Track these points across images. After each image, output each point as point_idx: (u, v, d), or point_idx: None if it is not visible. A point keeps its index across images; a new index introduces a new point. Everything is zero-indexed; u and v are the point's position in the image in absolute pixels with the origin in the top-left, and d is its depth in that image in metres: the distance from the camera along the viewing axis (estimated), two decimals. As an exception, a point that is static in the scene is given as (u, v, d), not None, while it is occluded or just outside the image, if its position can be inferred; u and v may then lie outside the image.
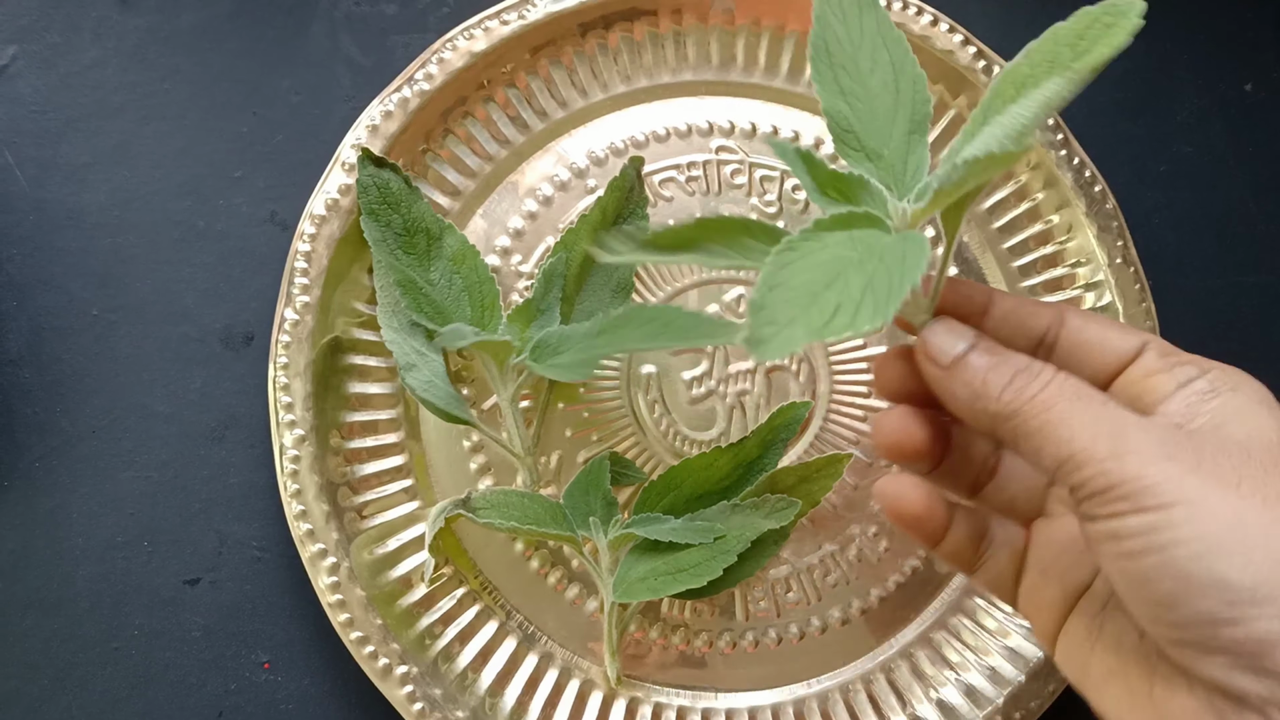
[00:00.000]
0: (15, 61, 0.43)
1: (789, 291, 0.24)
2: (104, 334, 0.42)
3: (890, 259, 0.24)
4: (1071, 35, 0.27)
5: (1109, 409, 0.26)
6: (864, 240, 0.25)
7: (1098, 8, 0.26)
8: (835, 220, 0.26)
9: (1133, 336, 0.29)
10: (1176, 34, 0.47)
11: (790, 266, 0.24)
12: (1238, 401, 0.27)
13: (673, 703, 0.40)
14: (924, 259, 0.24)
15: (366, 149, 0.40)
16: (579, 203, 0.43)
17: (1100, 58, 0.26)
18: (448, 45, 0.42)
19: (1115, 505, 0.24)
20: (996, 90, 0.28)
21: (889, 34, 0.29)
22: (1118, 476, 0.24)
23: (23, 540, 0.41)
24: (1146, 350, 0.29)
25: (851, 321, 0.23)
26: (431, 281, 0.40)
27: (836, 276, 0.24)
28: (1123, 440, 0.25)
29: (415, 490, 0.41)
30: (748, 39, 0.44)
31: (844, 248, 0.25)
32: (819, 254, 0.25)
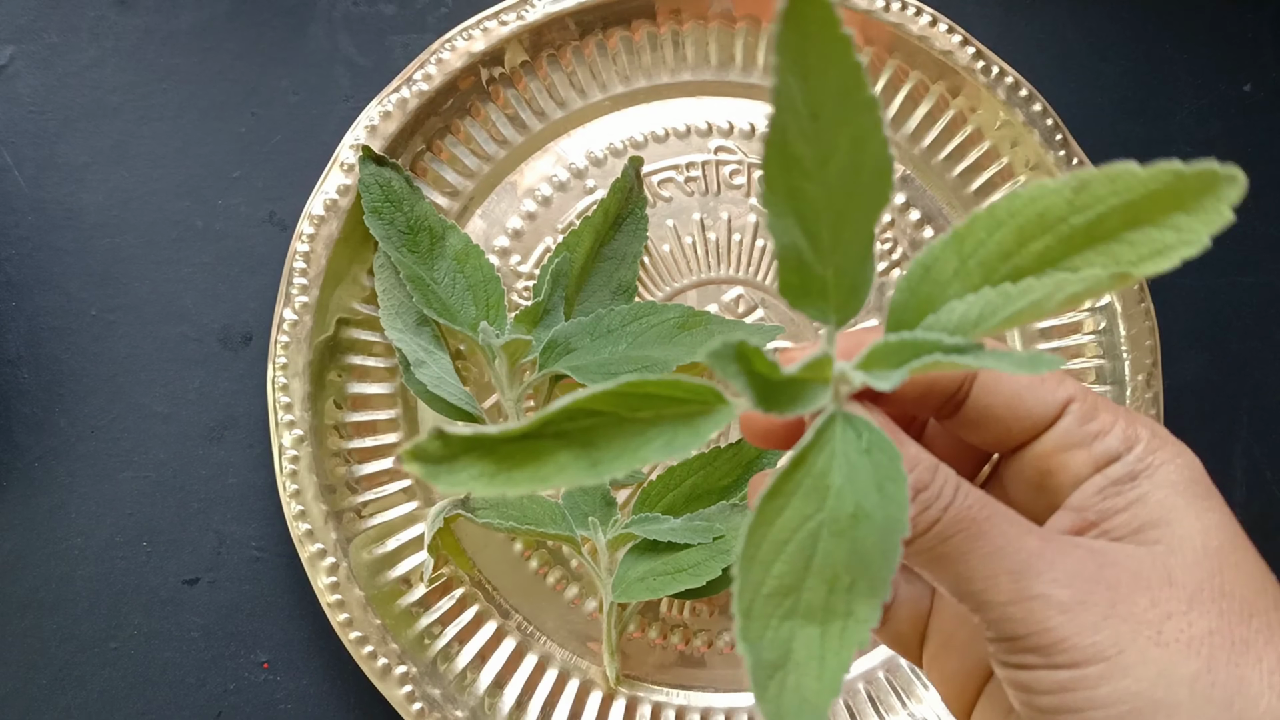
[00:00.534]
0: (13, 61, 0.43)
1: (769, 611, 0.20)
2: (102, 334, 0.42)
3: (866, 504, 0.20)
4: (1141, 194, 0.20)
5: (1009, 539, 0.22)
6: (828, 488, 0.21)
7: (1189, 169, 0.20)
8: (794, 466, 0.21)
9: (1049, 395, 0.25)
10: (1176, 34, 0.47)
11: (757, 561, 0.20)
12: (1160, 494, 0.23)
13: (672, 702, 0.40)
14: (904, 491, 0.20)
15: (367, 147, 0.40)
16: (578, 203, 0.43)
17: (1163, 260, 0.20)
18: (446, 46, 0.42)
19: (1023, 657, 0.22)
20: (1014, 213, 0.21)
21: (858, 95, 0.19)
22: (1023, 626, 0.21)
23: (21, 540, 0.41)
24: (1066, 414, 0.25)
25: (851, 629, 0.20)
26: (436, 280, 0.40)
27: (811, 559, 0.20)
28: (1025, 581, 0.21)
29: (414, 490, 0.41)
30: (746, 39, 0.44)
31: (806, 501, 0.20)
32: (782, 525, 0.20)
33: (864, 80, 0.19)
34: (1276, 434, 0.45)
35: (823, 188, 0.20)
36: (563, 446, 0.20)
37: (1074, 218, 0.21)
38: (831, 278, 0.21)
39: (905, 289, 0.22)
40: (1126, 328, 0.42)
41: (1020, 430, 0.25)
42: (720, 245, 0.43)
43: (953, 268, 0.22)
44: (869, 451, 0.21)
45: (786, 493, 0.20)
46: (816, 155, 0.20)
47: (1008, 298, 0.20)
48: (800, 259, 0.21)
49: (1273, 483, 0.44)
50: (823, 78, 0.19)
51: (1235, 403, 0.45)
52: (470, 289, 0.40)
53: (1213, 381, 0.45)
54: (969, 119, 0.44)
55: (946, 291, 0.22)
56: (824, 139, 0.19)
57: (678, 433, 0.21)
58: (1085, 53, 0.46)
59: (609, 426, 0.20)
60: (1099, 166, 0.20)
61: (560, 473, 0.20)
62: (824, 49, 0.19)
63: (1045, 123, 0.43)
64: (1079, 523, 0.24)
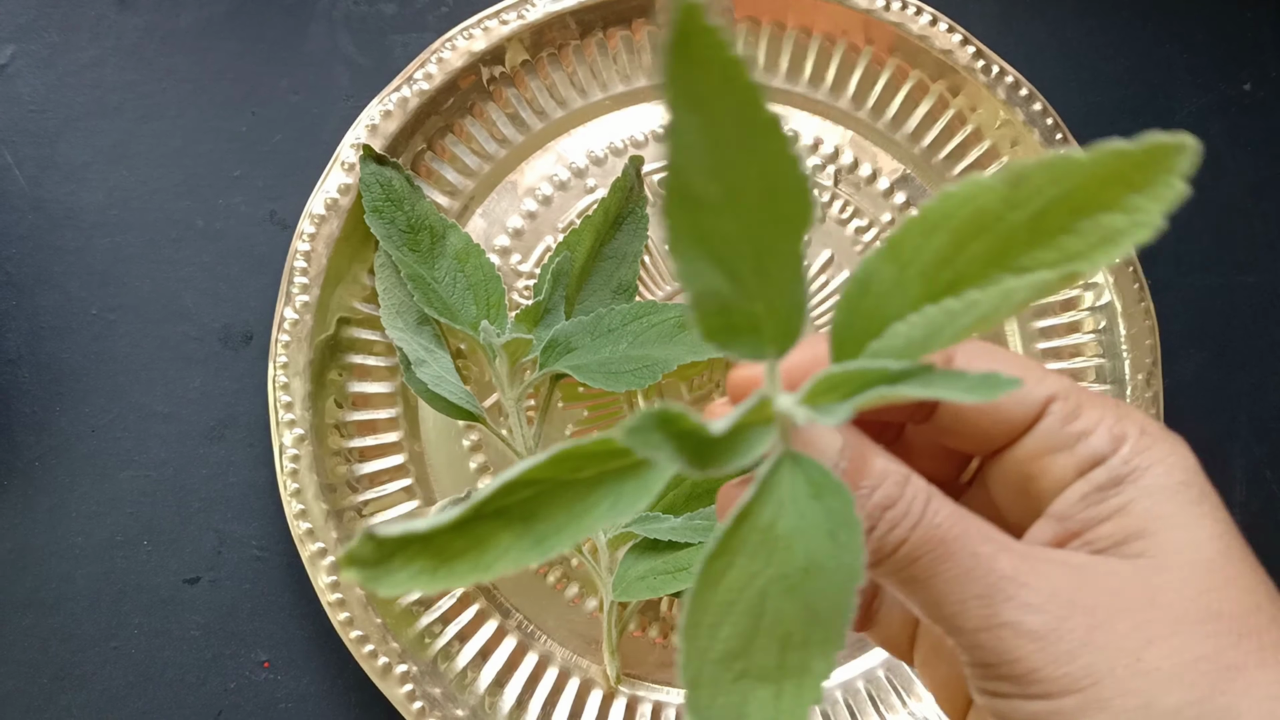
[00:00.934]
0: (14, 61, 0.43)
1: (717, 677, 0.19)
2: (103, 333, 0.42)
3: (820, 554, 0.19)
4: (1085, 181, 0.19)
5: (979, 560, 0.20)
6: (780, 540, 0.19)
7: (1138, 147, 0.18)
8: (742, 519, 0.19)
9: (1029, 394, 0.23)
10: (1176, 33, 0.47)
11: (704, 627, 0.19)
12: (1147, 501, 0.22)
13: (672, 701, 0.40)
14: (858, 537, 0.19)
15: (368, 146, 0.40)
16: (578, 202, 0.43)
17: (1112, 253, 0.19)
18: (447, 45, 0.42)
19: (997, 685, 0.20)
20: (949, 215, 0.20)
21: (758, 117, 0.18)
22: (994, 654, 0.20)
23: (22, 539, 0.41)
24: (1048, 413, 0.23)
25: (806, 686, 0.19)
26: (436, 279, 0.40)
27: (760, 618, 0.19)
28: (995, 606, 0.20)
29: (414, 489, 0.41)
30: (746, 39, 0.44)
31: (753, 558, 0.19)
32: (727, 586, 0.19)
33: (762, 101, 0.17)
34: (1276, 434, 0.45)
35: (737, 222, 0.18)
36: (503, 527, 0.19)
37: (1012, 214, 0.19)
38: (763, 311, 0.19)
39: (845, 308, 0.20)
40: (1126, 327, 0.42)
41: (999, 434, 0.23)
42: (720, 244, 0.43)
43: (891, 280, 0.20)
44: (819, 495, 0.19)
45: (731, 550, 0.19)
46: (725, 189, 0.18)
47: (951, 315, 0.19)
48: (721, 301, 0.19)
49: (1273, 482, 0.44)
50: (720, 107, 0.17)
51: (1235, 402, 0.45)
52: (471, 288, 0.40)
53: (1212, 381, 0.45)
54: (969, 118, 0.44)
55: (888, 307, 0.20)
56: (731, 171, 0.18)
57: (623, 490, 0.19)
58: (1085, 52, 0.46)
59: (550, 494, 0.19)
60: (1037, 158, 0.19)
61: (503, 557, 0.19)
62: (717, 76, 0.17)
63: (1045, 122, 0.43)
64: (1061, 533, 0.22)
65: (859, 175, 0.44)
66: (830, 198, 0.43)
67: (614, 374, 0.38)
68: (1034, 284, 0.18)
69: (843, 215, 0.43)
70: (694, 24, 0.16)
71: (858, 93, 0.44)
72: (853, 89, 0.44)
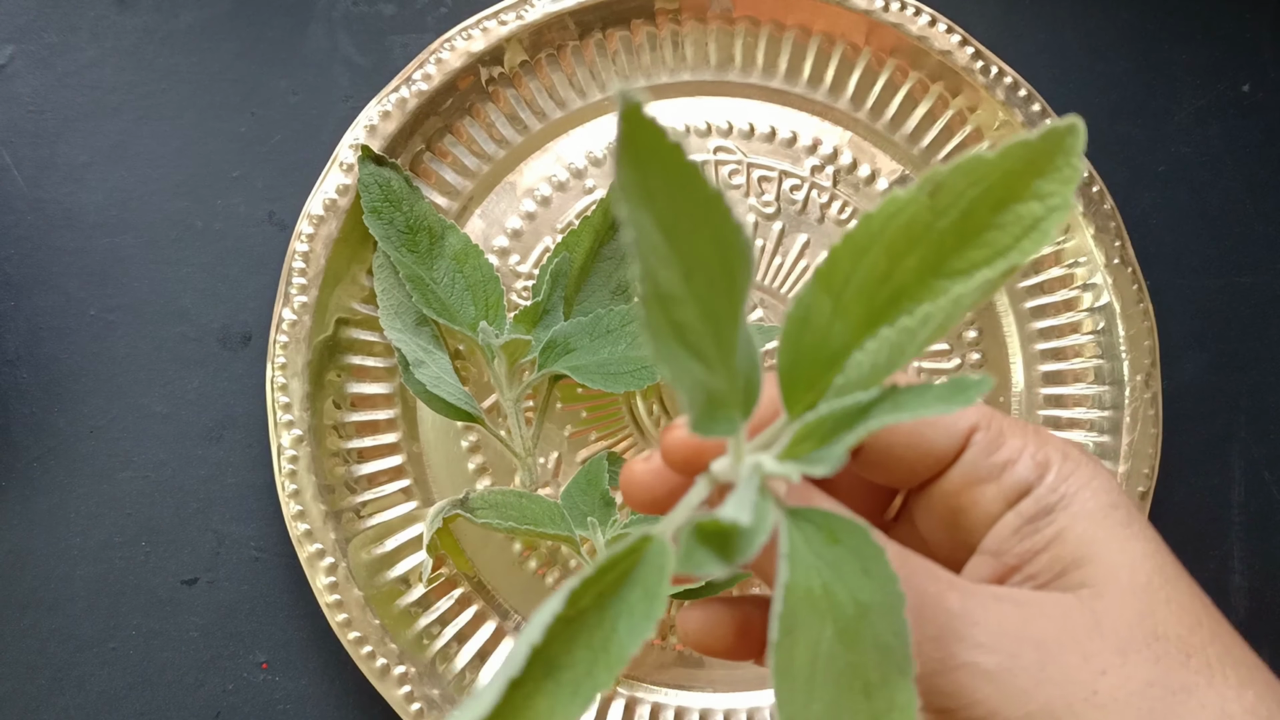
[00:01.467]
0: (13, 61, 0.43)
1: None
2: (101, 334, 0.42)
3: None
4: (998, 178, 0.19)
5: (927, 599, 0.20)
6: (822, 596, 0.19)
7: (1036, 136, 0.19)
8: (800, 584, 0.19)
9: (953, 425, 0.23)
10: (1175, 35, 0.47)
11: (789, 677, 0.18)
12: (1079, 528, 0.22)
13: (670, 703, 0.40)
14: (886, 564, 0.19)
15: (367, 147, 0.40)
16: (577, 203, 0.43)
17: (1039, 236, 0.19)
18: (446, 45, 0.42)
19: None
20: (876, 234, 0.20)
21: (703, 193, 0.18)
22: (953, 700, 0.20)
23: (20, 540, 0.41)
24: (970, 443, 0.23)
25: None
26: (435, 280, 0.40)
27: (840, 678, 0.19)
28: (949, 648, 0.20)
29: (413, 490, 0.41)
30: (745, 39, 0.44)
31: (810, 625, 0.19)
32: (800, 663, 0.19)
33: (703, 178, 0.17)
34: (1275, 434, 0.45)
35: (695, 304, 0.18)
36: (534, 693, 0.18)
37: (939, 221, 0.20)
38: (725, 386, 0.19)
39: (788, 348, 0.20)
40: (1125, 328, 0.42)
41: (924, 467, 0.23)
42: (719, 245, 0.43)
43: (829, 309, 0.20)
44: (837, 540, 0.19)
45: (788, 630, 0.19)
46: (680, 275, 0.18)
47: (909, 333, 0.19)
48: (704, 387, 0.19)
49: (1271, 483, 0.44)
50: (668, 197, 0.17)
51: (1234, 403, 0.45)
52: (469, 289, 0.40)
53: (1212, 381, 0.45)
54: (968, 119, 0.44)
55: (831, 338, 0.20)
56: (683, 256, 0.18)
57: (632, 602, 0.19)
58: (1084, 53, 0.46)
59: (560, 638, 0.19)
60: (949, 164, 0.19)
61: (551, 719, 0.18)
62: (662, 169, 0.17)
63: (1044, 123, 0.43)
64: (999, 569, 0.22)
65: (858, 176, 0.44)
66: (829, 198, 0.43)
67: (612, 375, 0.38)
68: (981, 286, 0.19)
69: (841, 216, 0.43)
70: (636, 119, 0.16)
71: (857, 93, 0.44)
72: (852, 89, 0.44)
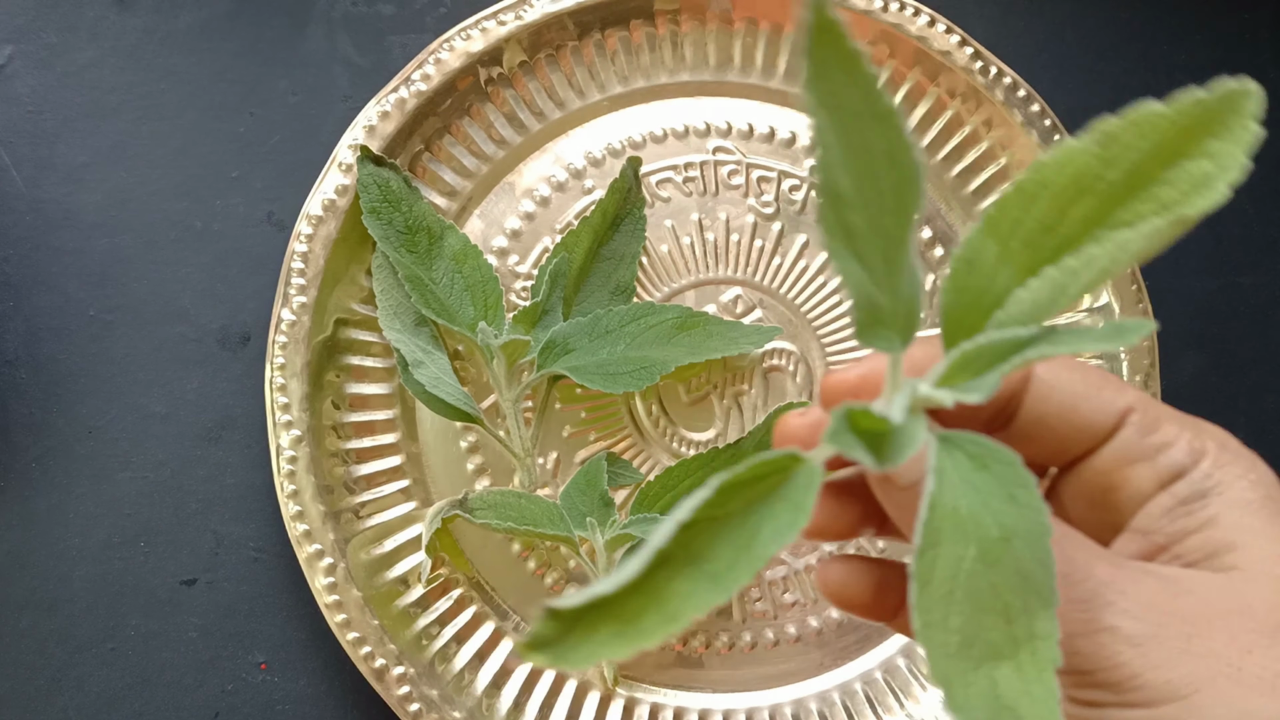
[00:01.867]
0: (12, 61, 0.43)
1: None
2: (100, 334, 0.42)
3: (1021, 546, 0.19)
4: (1170, 132, 0.19)
5: (1077, 566, 0.21)
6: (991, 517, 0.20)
7: (1213, 94, 0.19)
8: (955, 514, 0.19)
9: (1109, 404, 0.23)
10: (1175, 34, 0.47)
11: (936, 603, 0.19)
12: (1233, 515, 0.22)
13: (669, 703, 0.40)
14: (1035, 492, 0.19)
15: (366, 147, 0.40)
16: (576, 203, 0.43)
17: (1209, 193, 0.19)
18: (445, 46, 0.42)
19: (1094, 694, 0.20)
20: (1046, 182, 0.21)
21: (878, 106, 0.19)
22: (1092, 660, 0.20)
23: (19, 540, 0.41)
24: (1126, 424, 0.23)
25: (1041, 650, 0.19)
26: (434, 280, 0.40)
27: (979, 598, 0.19)
28: (1094, 612, 0.20)
29: (412, 491, 0.41)
30: (744, 40, 0.44)
31: (952, 544, 0.19)
32: (940, 579, 0.19)
33: (881, 92, 0.18)
34: (1275, 435, 0.45)
35: (864, 213, 0.19)
36: (676, 574, 0.19)
37: (1108, 172, 0.20)
38: (889, 303, 0.20)
39: (952, 289, 0.21)
40: (1125, 328, 0.42)
41: (1077, 442, 0.24)
42: (718, 246, 0.43)
43: (995, 254, 0.21)
44: (986, 466, 0.20)
45: (931, 545, 0.19)
46: (854, 183, 0.19)
47: (1073, 273, 0.19)
48: (869, 296, 0.20)
49: (1271, 483, 0.44)
50: (845, 101, 0.18)
51: (1233, 403, 0.45)
52: (468, 289, 0.40)
53: (1211, 382, 0.45)
54: (967, 120, 0.44)
55: (995, 281, 0.21)
56: (857, 162, 0.19)
57: (778, 513, 0.19)
58: (1083, 53, 0.46)
59: (705, 534, 0.19)
60: (1121, 114, 0.20)
61: (687, 604, 0.19)
62: (842, 71, 0.18)
63: (1043, 123, 0.43)
64: (1147, 547, 0.23)
65: (857, 176, 0.44)
66: (828, 199, 0.43)
67: (611, 375, 0.38)
68: (1148, 234, 0.19)
69: (841, 216, 0.43)
70: (824, 20, 0.17)
71: (856, 94, 0.44)
72: (851, 90, 0.44)
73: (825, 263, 0.43)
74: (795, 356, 0.42)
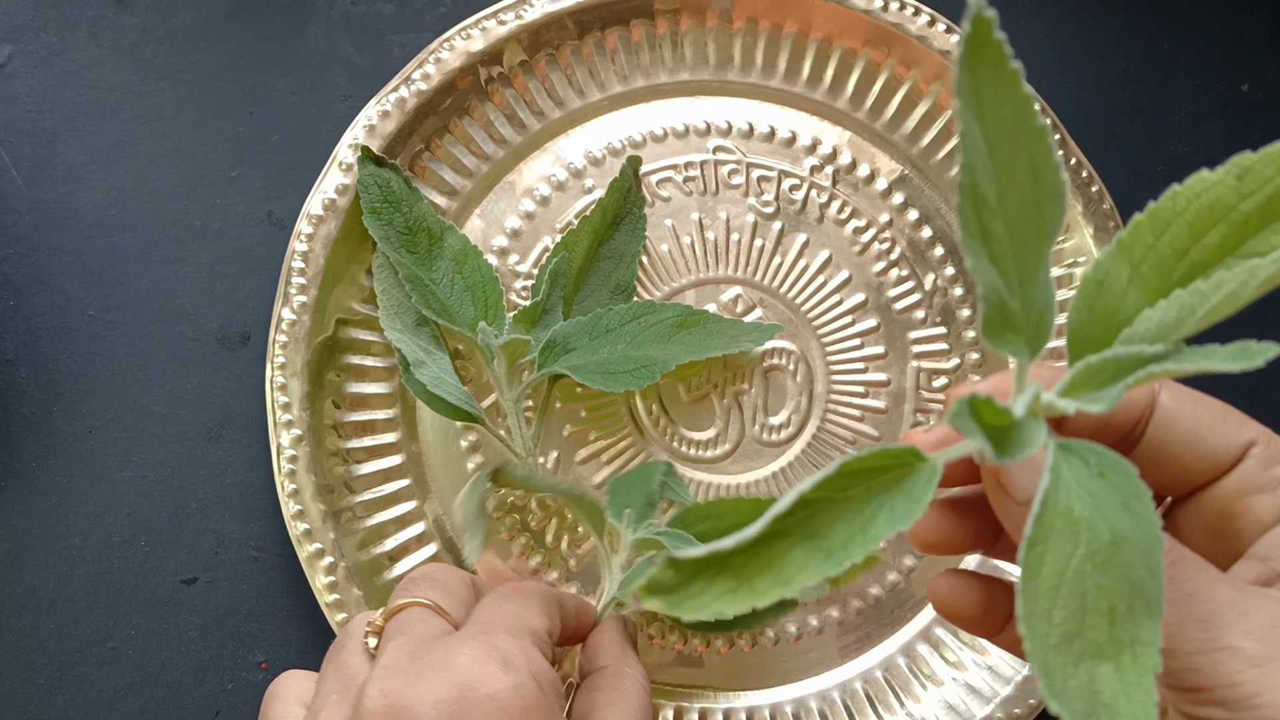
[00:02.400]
0: (11, 61, 0.43)
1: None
2: (100, 334, 0.42)
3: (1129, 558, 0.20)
4: None
5: (1198, 586, 0.21)
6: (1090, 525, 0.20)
7: None
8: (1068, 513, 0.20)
9: (1232, 435, 0.25)
10: (1174, 34, 0.47)
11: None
12: None
13: (669, 703, 0.40)
14: (1150, 505, 0.20)
15: (366, 147, 0.40)
16: (576, 203, 0.43)
17: None
18: (445, 45, 0.42)
19: (1209, 710, 0.21)
20: (1180, 210, 0.22)
21: (1030, 124, 0.20)
22: (1210, 678, 0.21)
23: (19, 540, 0.41)
24: (1249, 456, 0.24)
25: (1142, 656, 0.20)
26: (434, 280, 0.40)
27: (1084, 596, 0.20)
28: (1215, 631, 0.21)
29: (412, 490, 0.41)
30: (745, 39, 0.44)
31: (1063, 541, 0.20)
32: (1048, 572, 0.20)
33: (1033, 111, 0.19)
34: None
35: (1004, 221, 0.20)
36: (794, 544, 0.20)
37: (1243, 204, 0.21)
38: (1020, 310, 0.21)
39: (1082, 307, 0.22)
40: (1125, 328, 0.42)
41: (1199, 471, 0.25)
42: (719, 245, 0.43)
43: (1125, 277, 0.22)
44: (1103, 474, 0.21)
45: (1042, 539, 0.20)
46: (997, 190, 0.20)
47: (1202, 295, 0.20)
48: (1000, 297, 0.21)
49: (1270, 483, 0.44)
50: (996, 113, 0.19)
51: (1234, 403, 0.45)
52: (468, 289, 0.40)
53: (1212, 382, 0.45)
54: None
55: (1124, 302, 0.22)
56: (1001, 173, 0.20)
57: (896, 502, 0.21)
58: (1083, 53, 0.46)
59: (825, 513, 0.20)
60: (1258, 150, 0.21)
61: (801, 571, 0.20)
62: (996, 86, 0.19)
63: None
64: (1266, 573, 0.23)
65: (857, 176, 0.44)
66: (828, 198, 0.43)
67: (612, 374, 0.38)
68: (1278, 260, 0.20)
69: (841, 215, 0.43)
70: (984, 36, 0.18)
71: (856, 93, 0.44)
72: (851, 89, 0.44)
73: (824, 263, 0.43)
74: (795, 356, 0.42)
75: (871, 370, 0.42)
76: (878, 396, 0.42)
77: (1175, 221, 0.21)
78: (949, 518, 0.26)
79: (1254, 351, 0.20)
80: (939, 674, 0.41)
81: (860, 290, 0.43)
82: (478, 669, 0.26)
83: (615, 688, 0.30)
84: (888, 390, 0.42)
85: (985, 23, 0.18)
